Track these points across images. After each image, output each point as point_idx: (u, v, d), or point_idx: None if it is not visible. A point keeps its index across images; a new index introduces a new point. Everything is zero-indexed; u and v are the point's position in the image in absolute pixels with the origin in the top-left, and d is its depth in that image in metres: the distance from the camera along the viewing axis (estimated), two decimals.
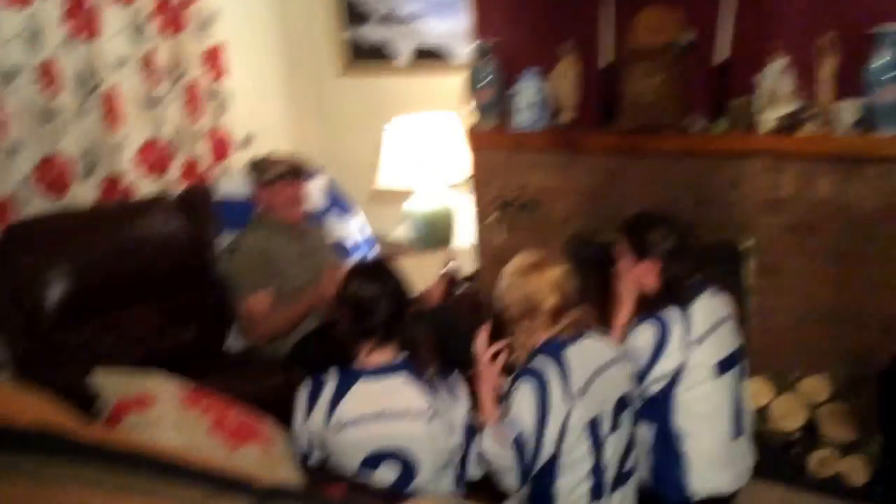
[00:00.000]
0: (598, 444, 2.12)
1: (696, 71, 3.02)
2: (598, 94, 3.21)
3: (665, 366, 2.35)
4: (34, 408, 1.42)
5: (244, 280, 3.00)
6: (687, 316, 2.37)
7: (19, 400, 1.45)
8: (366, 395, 2.13)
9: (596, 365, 2.18)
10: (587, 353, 2.19)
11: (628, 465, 2.24)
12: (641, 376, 2.35)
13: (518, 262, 2.26)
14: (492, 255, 3.64)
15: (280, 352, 3.03)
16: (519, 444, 2.06)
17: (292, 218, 3.11)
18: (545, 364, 2.11)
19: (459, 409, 2.22)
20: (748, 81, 2.91)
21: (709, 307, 2.43)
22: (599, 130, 3.22)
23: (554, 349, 2.15)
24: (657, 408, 2.38)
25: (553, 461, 2.10)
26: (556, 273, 2.20)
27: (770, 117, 2.83)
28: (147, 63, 3.49)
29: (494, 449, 2.09)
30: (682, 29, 2.95)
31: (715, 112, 2.99)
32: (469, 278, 3.71)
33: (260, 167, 3.11)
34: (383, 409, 2.11)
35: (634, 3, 3.02)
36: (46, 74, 3.17)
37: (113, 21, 3.38)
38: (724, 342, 2.44)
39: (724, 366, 2.41)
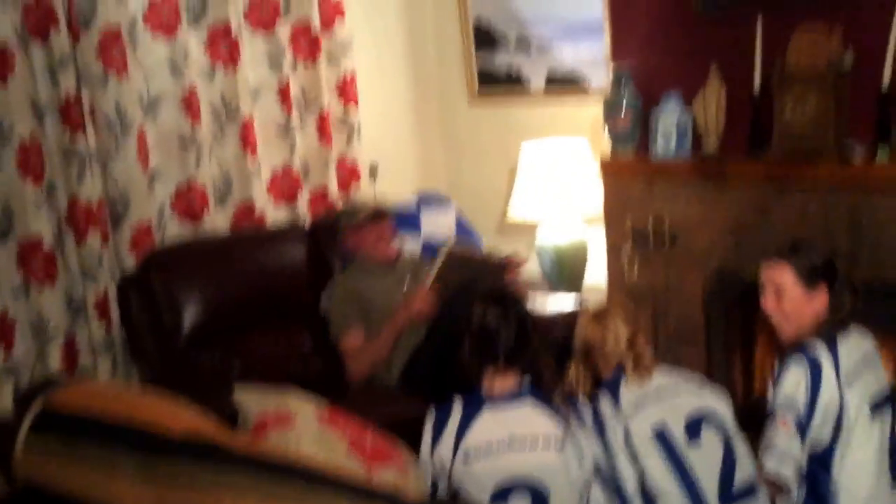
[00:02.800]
0: (675, 457, 2.16)
1: (856, 96, 2.94)
2: (746, 120, 3.16)
3: (825, 410, 2.25)
4: (185, 417, 1.52)
5: (339, 319, 3.23)
6: (835, 354, 2.28)
7: (171, 409, 1.55)
8: (493, 424, 2.16)
9: (656, 390, 2.29)
10: (644, 387, 2.31)
11: (737, 486, 2.20)
12: (803, 428, 2.24)
13: (589, 308, 2.50)
14: (625, 291, 3.61)
15: (392, 379, 3.13)
16: (602, 476, 2.18)
17: (381, 256, 3.33)
18: (601, 398, 2.29)
19: (589, 436, 2.24)
20: None
21: (857, 343, 2.35)
22: (747, 160, 3.16)
23: (610, 386, 2.30)
24: (816, 463, 2.28)
25: (643, 485, 2.16)
26: (617, 320, 2.36)
27: None
28: (283, 92, 3.68)
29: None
30: (841, 50, 2.88)
31: (877, 139, 2.89)
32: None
33: (346, 214, 3.40)
34: (512, 438, 2.14)
35: (788, 21, 2.97)
36: (188, 104, 3.39)
37: (252, 50, 3.60)
38: (876, 380, 2.34)
39: (877, 405, 2.31)
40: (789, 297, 2.35)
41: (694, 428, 2.21)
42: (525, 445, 2.14)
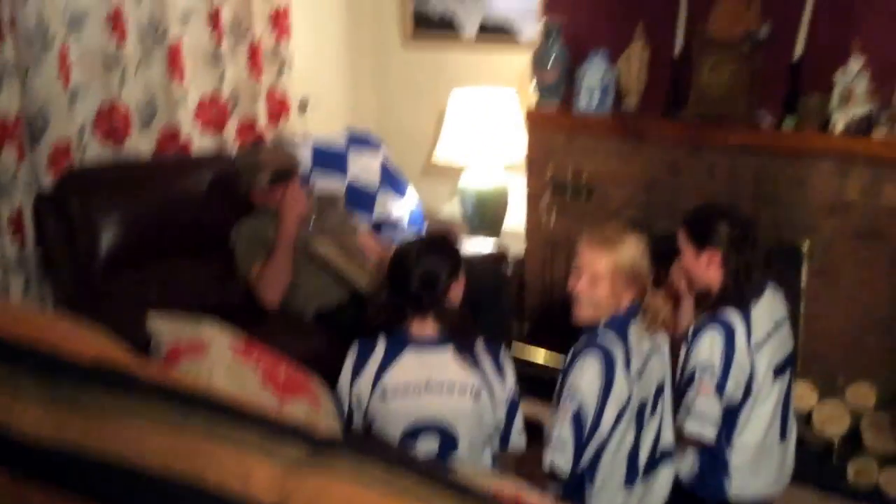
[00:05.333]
0: (640, 428, 2.15)
1: (769, 65, 2.99)
2: (666, 81, 3.19)
3: (738, 375, 2.29)
4: (95, 343, 1.46)
5: (245, 256, 3.09)
6: (748, 318, 2.31)
7: (80, 335, 1.49)
8: (413, 366, 2.15)
9: (647, 348, 2.21)
10: (641, 335, 2.21)
11: (658, 451, 2.25)
12: (720, 390, 2.28)
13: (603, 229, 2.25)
14: (541, 238, 3.64)
15: (308, 311, 3.07)
16: (578, 419, 2.07)
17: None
18: (612, 341, 2.13)
19: (505, 385, 2.22)
20: (821, 79, 2.87)
21: (769, 308, 2.39)
22: (664, 119, 3.20)
23: (621, 325, 2.16)
24: (725, 419, 2.33)
25: (603, 444, 2.12)
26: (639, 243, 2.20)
27: (843, 118, 2.79)
28: (213, 18, 3.51)
29: (555, 422, 2.10)
30: (759, 21, 2.92)
31: (785, 109, 2.96)
32: (518, 260, 3.71)
33: (249, 170, 3.12)
34: (430, 381, 2.13)
35: None
36: (114, 22, 3.21)
37: None
38: (782, 345, 2.40)
39: (780, 369, 2.38)
40: (684, 257, 2.41)
41: (656, 401, 2.20)
42: (441, 390, 2.13)
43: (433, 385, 2.13)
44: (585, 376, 2.10)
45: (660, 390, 2.25)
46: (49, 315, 1.63)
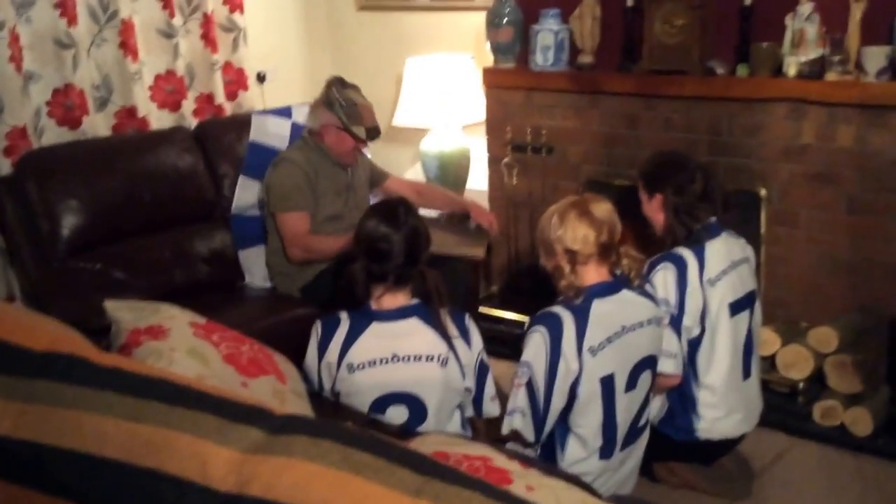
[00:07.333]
0: (610, 402, 2.09)
1: (719, 14, 2.95)
2: (619, 35, 3.14)
3: (692, 307, 2.32)
4: (50, 333, 1.41)
5: (286, 192, 2.94)
6: (702, 255, 2.34)
7: (35, 325, 1.44)
8: (378, 339, 2.09)
9: (624, 323, 2.11)
10: (619, 308, 2.12)
11: (641, 421, 2.23)
12: (676, 325, 2.31)
13: (561, 204, 2.17)
14: (504, 197, 3.61)
15: (292, 288, 3.02)
16: (531, 389, 2.04)
17: (346, 161, 3.05)
18: (563, 314, 2.06)
19: (472, 350, 2.19)
20: (772, 26, 2.84)
21: (725, 248, 2.40)
22: (619, 73, 3.16)
23: (583, 299, 2.08)
24: (688, 356, 2.36)
25: (564, 414, 2.09)
26: (602, 210, 2.13)
27: (795, 62, 2.76)
28: None
29: (513, 390, 2.08)
30: None
31: (737, 57, 2.93)
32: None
33: (349, 109, 2.96)
34: (396, 353, 2.08)
35: None
36: (63, 3, 3.11)
37: None
38: (739, 283, 2.41)
39: (737, 307, 2.39)
40: (643, 203, 2.45)
41: (636, 375, 2.16)
42: (408, 361, 2.08)
43: (399, 357, 2.08)
44: (535, 352, 2.06)
45: (644, 366, 2.18)
46: (2, 307, 1.58)
